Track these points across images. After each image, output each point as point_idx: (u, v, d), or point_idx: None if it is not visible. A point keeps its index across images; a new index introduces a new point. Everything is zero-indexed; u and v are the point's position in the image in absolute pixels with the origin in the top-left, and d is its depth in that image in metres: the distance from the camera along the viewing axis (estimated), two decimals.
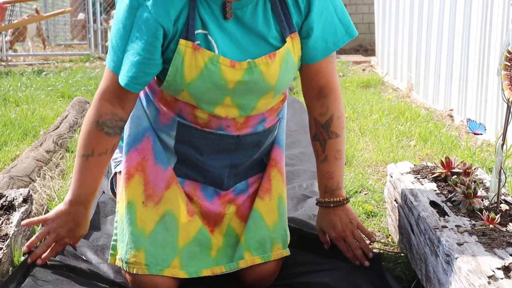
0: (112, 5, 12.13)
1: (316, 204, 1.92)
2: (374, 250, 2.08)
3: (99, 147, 1.70)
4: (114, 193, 2.02)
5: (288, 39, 1.69)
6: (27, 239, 1.97)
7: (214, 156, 1.81)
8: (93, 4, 10.55)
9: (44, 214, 2.13)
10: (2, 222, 1.89)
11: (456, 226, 1.53)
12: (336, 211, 1.87)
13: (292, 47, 1.70)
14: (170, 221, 1.75)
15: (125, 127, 1.81)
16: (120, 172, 1.91)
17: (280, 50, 1.68)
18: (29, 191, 2.08)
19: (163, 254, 1.71)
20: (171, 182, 1.78)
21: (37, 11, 10.51)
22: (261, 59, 1.66)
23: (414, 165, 2.13)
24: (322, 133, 1.83)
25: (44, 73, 7.42)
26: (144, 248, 1.70)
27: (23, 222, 1.85)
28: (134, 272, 1.70)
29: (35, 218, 1.85)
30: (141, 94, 1.84)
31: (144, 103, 1.82)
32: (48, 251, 1.81)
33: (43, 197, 2.54)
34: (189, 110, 1.75)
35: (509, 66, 1.57)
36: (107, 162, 1.74)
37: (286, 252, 1.87)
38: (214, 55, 1.63)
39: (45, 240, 1.80)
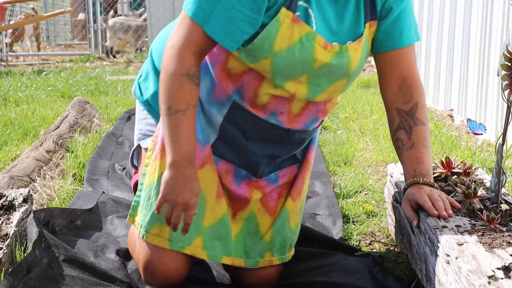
0: (112, 5, 12.14)
1: (404, 189, 1.74)
2: (374, 250, 2.08)
3: (193, 99, 1.61)
4: (133, 166, 2.01)
5: (366, 26, 1.67)
6: (27, 239, 1.97)
7: (258, 144, 1.77)
8: (93, 4, 10.56)
9: (43, 213, 2.13)
10: (2, 222, 1.89)
11: (456, 226, 1.53)
12: (425, 186, 1.70)
13: (368, 35, 1.69)
14: (199, 200, 1.72)
15: None
16: (145, 148, 1.90)
17: (363, 37, 1.66)
18: (29, 191, 2.08)
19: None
20: (206, 162, 1.75)
21: (34, 11, 10.50)
22: (353, 45, 1.64)
23: None
24: (407, 120, 1.74)
25: (44, 73, 7.43)
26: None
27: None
28: (154, 243, 1.71)
29: (157, 203, 1.65)
30: None
31: None
32: (182, 222, 1.64)
33: (43, 197, 2.54)
34: (253, 87, 1.69)
35: (509, 66, 1.57)
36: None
37: (293, 252, 1.89)
38: (312, 32, 1.60)
39: (174, 213, 1.62)
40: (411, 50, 1.74)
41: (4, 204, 2.01)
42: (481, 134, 1.86)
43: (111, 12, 11.26)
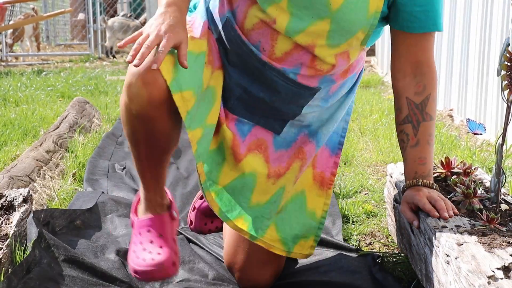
0: (111, 5, 12.14)
1: (403, 190, 1.73)
2: (374, 250, 2.08)
3: None
4: None
5: None
6: (27, 239, 1.96)
7: (237, 70, 1.74)
8: (93, 4, 10.56)
9: (43, 213, 2.13)
10: (2, 222, 1.89)
11: (456, 226, 1.53)
12: (424, 187, 1.68)
13: None
14: (209, 94, 1.69)
15: None
16: None
17: None
18: (29, 191, 2.08)
19: (197, 114, 1.62)
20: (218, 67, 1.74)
21: (35, 11, 10.51)
22: None
23: None
24: (416, 114, 1.69)
25: (44, 73, 7.43)
26: (196, 98, 1.61)
27: (121, 43, 1.54)
28: (177, 104, 1.54)
29: (130, 37, 1.54)
30: None
31: None
32: (156, 53, 1.49)
33: (43, 197, 2.54)
34: (245, 7, 1.69)
35: (509, 66, 1.57)
36: None
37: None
38: None
39: (146, 42, 1.49)
40: (432, 36, 1.70)
41: (4, 204, 2.01)
42: (481, 134, 1.86)
43: (110, 12, 11.27)
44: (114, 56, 10.11)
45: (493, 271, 1.25)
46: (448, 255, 1.40)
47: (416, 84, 1.70)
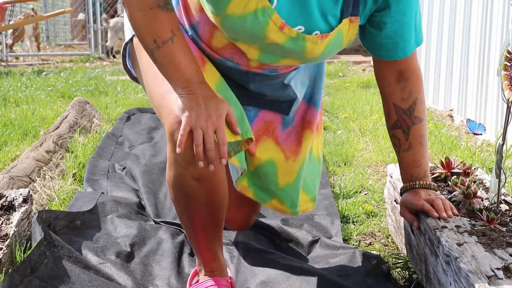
0: (112, 5, 12.14)
1: (401, 192, 1.74)
2: (374, 250, 2.08)
3: (175, 24, 1.49)
4: (126, 67, 1.80)
5: (345, 21, 1.55)
6: (27, 239, 1.96)
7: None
8: (93, 4, 10.56)
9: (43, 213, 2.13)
10: (2, 222, 1.90)
11: (456, 226, 1.53)
12: (421, 190, 1.69)
13: (346, 30, 1.57)
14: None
15: None
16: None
17: (332, 32, 1.55)
18: (29, 191, 2.08)
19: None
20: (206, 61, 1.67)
21: (34, 11, 10.51)
22: (312, 37, 1.54)
23: None
24: (405, 119, 1.68)
25: (44, 73, 7.43)
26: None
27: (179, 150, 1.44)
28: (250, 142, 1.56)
29: (180, 137, 1.44)
30: None
31: None
32: (216, 145, 1.44)
33: (43, 197, 2.54)
34: (209, 27, 1.62)
35: (509, 66, 1.57)
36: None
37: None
38: (270, 7, 1.49)
39: (205, 137, 1.44)
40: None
41: (4, 204, 2.01)
42: (481, 134, 1.86)
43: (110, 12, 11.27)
44: (114, 56, 10.12)
45: (493, 271, 1.25)
46: (448, 255, 1.40)
47: (401, 90, 1.68)
